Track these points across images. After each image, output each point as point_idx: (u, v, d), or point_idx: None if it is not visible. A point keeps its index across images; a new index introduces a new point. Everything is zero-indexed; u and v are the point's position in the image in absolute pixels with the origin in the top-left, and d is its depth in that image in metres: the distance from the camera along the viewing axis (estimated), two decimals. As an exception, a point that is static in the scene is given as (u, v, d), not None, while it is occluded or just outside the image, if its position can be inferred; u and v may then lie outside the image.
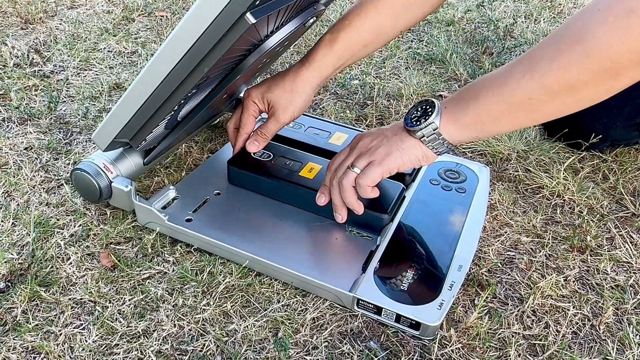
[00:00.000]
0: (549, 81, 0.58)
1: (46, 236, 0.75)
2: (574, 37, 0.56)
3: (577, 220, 0.83)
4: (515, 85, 0.60)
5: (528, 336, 0.65)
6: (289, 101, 0.79)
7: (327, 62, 0.79)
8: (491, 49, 1.34)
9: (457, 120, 0.65)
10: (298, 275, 0.68)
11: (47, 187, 0.84)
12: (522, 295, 0.70)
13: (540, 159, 0.95)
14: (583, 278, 0.73)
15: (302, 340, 0.63)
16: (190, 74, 0.57)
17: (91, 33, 1.32)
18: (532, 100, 0.59)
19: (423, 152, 0.68)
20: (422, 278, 0.68)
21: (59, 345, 0.61)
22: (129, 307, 0.66)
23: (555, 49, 0.57)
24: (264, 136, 0.82)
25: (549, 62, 0.57)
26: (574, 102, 0.59)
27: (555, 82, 0.57)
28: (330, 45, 0.78)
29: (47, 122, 0.98)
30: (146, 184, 0.86)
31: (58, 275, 0.69)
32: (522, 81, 0.59)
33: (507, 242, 0.78)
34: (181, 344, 0.62)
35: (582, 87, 0.57)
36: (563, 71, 0.56)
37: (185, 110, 0.73)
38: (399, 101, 1.11)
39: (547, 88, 0.58)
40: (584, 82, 0.56)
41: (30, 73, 1.14)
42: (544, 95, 0.59)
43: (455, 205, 0.80)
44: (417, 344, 0.63)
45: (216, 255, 0.73)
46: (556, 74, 0.57)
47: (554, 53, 0.57)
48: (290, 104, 0.79)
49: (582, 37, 0.55)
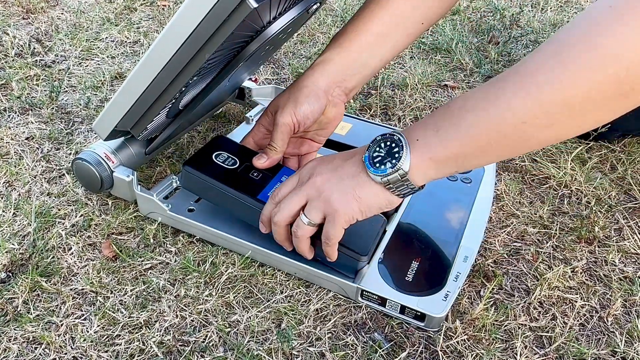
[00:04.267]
0: (549, 100, 0.47)
1: (47, 226, 0.74)
2: (581, 42, 0.45)
3: (585, 211, 0.82)
4: (506, 107, 0.49)
5: (535, 328, 0.64)
6: (289, 101, 0.69)
7: (334, 57, 0.70)
8: (497, 38, 1.32)
9: (433, 156, 0.54)
10: (301, 266, 0.67)
11: (49, 177, 0.83)
12: (528, 287, 0.69)
13: (547, 149, 0.94)
14: (591, 269, 0.72)
15: (305, 332, 0.62)
16: (191, 60, 0.56)
17: (93, 22, 1.31)
18: (525, 126, 0.48)
19: (387, 198, 0.58)
20: (427, 269, 0.67)
21: (60, 336, 0.60)
22: (131, 298, 0.65)
23: (556, 60, 0.46)
24: (271, 147, 0.71)
25: (548, 76, 0.46)
26: (575, 126, 0.49)
27: (556, 101, 0.47)
28: (338, 39, 0.70)
29: (49, 112, 0.98)
30: (148, 173, 0.85)
31: (59, 266, 0.69)
32: (515, 101, 0.48)
33: (513, 232, 0.77)
34: (183, 335, 0.61)
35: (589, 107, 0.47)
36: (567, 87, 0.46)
37: (187, 98, 0.72)
38: (404, 91, 1.09)
39: (545, 109, 0.47)
40: (592, 100, 0.46)
41: (32, 63, 1.13)
42: (542, 119, 0.48)
43: (460, 195, 0.79)
44: (422, 335, 0.62)
45: (218, 246, 0.72)
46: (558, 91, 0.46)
47: (554, 64, 0.46)
48: (290, 103, 0.69)
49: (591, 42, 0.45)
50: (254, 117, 0.96)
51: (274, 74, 1.15)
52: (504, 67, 1.18)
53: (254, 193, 0.68)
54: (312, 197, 0.60)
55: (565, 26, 0.48)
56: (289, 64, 1.18)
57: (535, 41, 1.31)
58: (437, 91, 1.11)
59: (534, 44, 1.30)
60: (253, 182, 0.69)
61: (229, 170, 0.70)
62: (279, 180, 0.71)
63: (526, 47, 1.29)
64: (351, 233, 0.64)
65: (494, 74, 1.14)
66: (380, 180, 0.57)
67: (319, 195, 0.59)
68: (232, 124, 0.98)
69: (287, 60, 1.20)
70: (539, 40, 1.32)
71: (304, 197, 0.61)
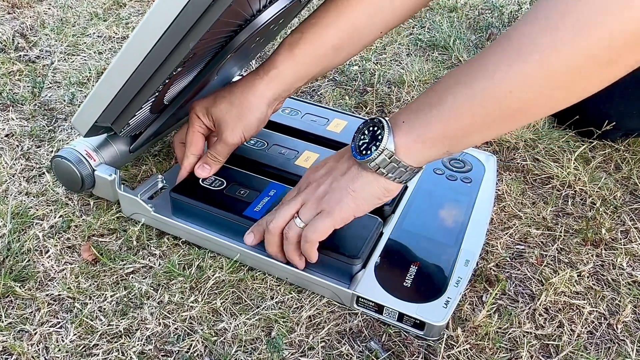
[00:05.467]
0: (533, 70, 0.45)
1: (24, 227, 0.70)
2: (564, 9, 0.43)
3: (590, 212, 0.78)
4: (490, 80, 0.47)
5: (540, 336, 0.60)
6: (237, 118, 0.66)
7: (285, 70, 0.65)
8: (495, 35, 1.28)
9: (418, 136, 0.52)
10: (293, 271, 0.63)
11: (28, 175, 0.79)
12: (533, 292, 0.65)
13: (550, 148, 0.90)
14: (598, 273, 0.69)
15: (297, 340, 0.58)
16: (175, 49, 0.52)
17: (80, 17, 1.27)
18: (510, 98, 0.46)
19: (383, 186, 0.55)
20: (427, 274, 0.63)
21: (33, 346, 0.56)
22: (111, 304, 0.61)
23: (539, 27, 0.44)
24: (215, 159, 0.69)
25: (532, 45, 0.44)
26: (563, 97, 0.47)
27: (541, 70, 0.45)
28: (291, 49, 0.65)
29: (31, 108, 0.93)
30: (133, 172, 0.81)
31: (35, 270, 0.64)
32: (498, 74, 0.46)
33: (516, 235, 0.74)
34: (166, 344, 0.57)
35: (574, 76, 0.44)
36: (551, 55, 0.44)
37: (173, 92, 0.68)
38: (401, 88, 1.06)
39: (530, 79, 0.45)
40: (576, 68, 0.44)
41: (15, 58, 1.09)
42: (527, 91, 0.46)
43: (460, 196, 0.76)
44: (422, 344, 0.59)
45: (205, 249, 0.68)
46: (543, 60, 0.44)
47: (537, 32, 0.44)
48: (239, 121, 0.66)
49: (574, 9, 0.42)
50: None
51: (267, 70, 1.11)
52: (504, 64, 1.14)
53: (240, 210, 0.66)
54: (306, 200, 0.59)
55: None
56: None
57: (535, 38, 1.28)
58: (435, 88, 1.07)
59: (533, 41, 1.27)
60: (239, 200, 0.68)
61: (215, 191, 0.69)
62: (267, 194, 0.69)
63: (526, 44, 1.25)
64: (342, 236, 0.61)
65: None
66: (370, 165, 0.54)
67: (313, 197, 0.58)
68: (222, 122, 0.94)
69: (280, 56, 1.16)
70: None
71: (299, 202, 0.59)
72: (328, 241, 0.59)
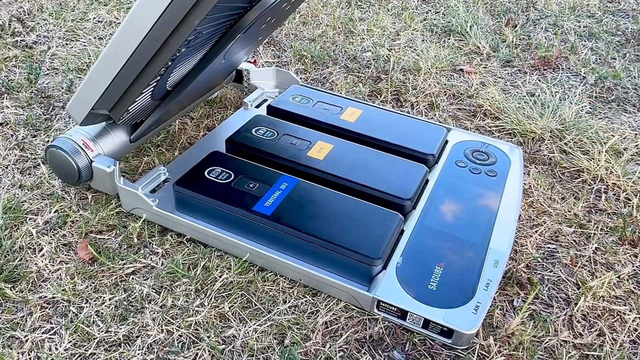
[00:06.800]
0: None
1: (17, 223, 0.65)
2: None
3: (625, 209, 0.72)
4: None
5: (580, 345, 0.55)
6: None
7: None
8: (515, 21, 1.22)
9: None
10: (307, 271, 0.58)
11: (22, 167, 0.74)
12: (568, 296, 0.60)
13: (578, 139, 0.84)
14: (638, 276, 0.63)
15: (312, 349, 0.53)
16: (178, 27, 0.47)
17: (80, 1, 1.21)
18: None
19: None
20: (454, 276, 0.58)
21: (23, 354, 0.51)
22: (109, 308, 0.56)
23: None
24: None
25: None
26: None
27: None
28: None
29: (27, 95, 0.88)
30: (134, 164, 0.76)
31: (27, 269, 0.59)
32: None
33: (546, 233, 0.68)
34: (169, 354, 0.52)
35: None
36: None
37: (176, 77, 0.63)
38: (417, 75, 1.00)
39: None
40: None
41: (12, 43, 1.03)
42: None
43: (485, 190, 0.70)
44: (450, 354, 0.53)
45: (212, 247, 0.63)
46: None
47: None
48: None
49: None
50: (252, 102, 0.87)
51: (275, 56, 1.06)
52: (523, 51, 1.08)
53: (249, 205, 0.62)
54: None
55: None
56: (290, 46, 1.08)
57: (555, 24, 1.21)
58: (453, 76, 1.01)
59: (553, 27, 1.20)
60: (249, 193, 0.64)
61: (222, 184, 0.64)
62: (278, 188, 0.65)
63: (545, 30, 1.19)
64: (360, 234, 0.56)
65: (512, 59, 1.04)
66: None
67: None
68: (229, 110, 0.89)
69: (288, 42, 1.10)
70: (558, 23, 1.22)
71: None
72: (345, 240, 0.53)
